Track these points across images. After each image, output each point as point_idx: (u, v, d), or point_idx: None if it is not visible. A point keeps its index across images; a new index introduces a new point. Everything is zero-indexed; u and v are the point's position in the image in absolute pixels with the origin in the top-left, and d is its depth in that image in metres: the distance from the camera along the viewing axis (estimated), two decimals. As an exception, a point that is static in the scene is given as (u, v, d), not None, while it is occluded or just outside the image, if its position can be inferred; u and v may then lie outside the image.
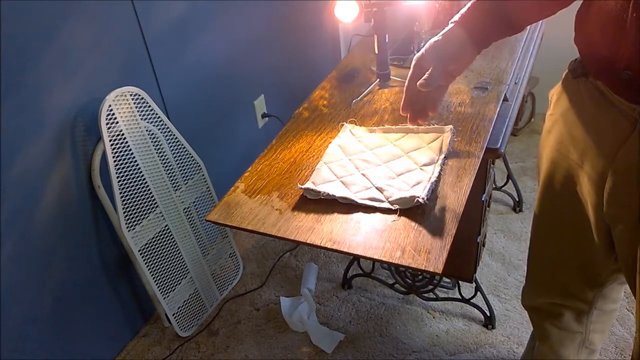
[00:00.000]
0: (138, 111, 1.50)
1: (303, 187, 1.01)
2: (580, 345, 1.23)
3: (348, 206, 0.98)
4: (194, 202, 1.73)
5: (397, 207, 0.95)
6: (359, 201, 0.97)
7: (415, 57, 0.94)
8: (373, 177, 1.04)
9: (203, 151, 1.75)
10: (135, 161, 1.50)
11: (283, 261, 2.00)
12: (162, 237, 1.62)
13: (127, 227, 1.49)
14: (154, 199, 1.57)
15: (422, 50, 0.93)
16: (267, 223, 0.97)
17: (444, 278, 1.72)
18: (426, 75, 0.92)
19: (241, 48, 2.01)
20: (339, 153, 1.13)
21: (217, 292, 1.85)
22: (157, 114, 1.56)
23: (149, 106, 1.54)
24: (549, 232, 1.10)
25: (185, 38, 1.73)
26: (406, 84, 0.97)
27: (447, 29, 0.91)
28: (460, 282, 1.68)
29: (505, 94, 1.28)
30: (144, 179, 1.54)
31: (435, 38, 0.92)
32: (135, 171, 1.51)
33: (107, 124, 1.41)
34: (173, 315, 1.68)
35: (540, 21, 1.61)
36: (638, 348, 0.94)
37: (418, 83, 0.94)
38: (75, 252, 1.50)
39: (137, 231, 1.53)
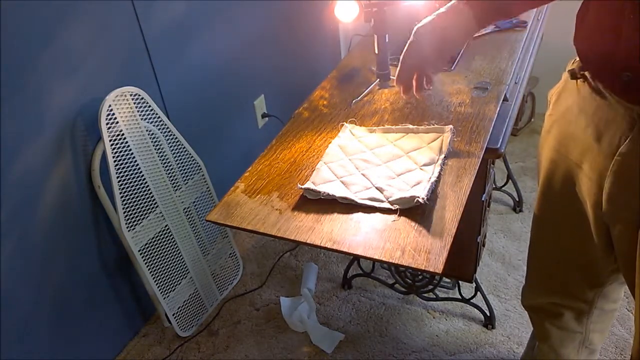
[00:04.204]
0: (138, 111, 1.50)
1: (303, 187, 1.01)
2: (580, 345, 1.23)
3: (348, 206, 0.98)
4: (194, 202, 1.73)
5: (397, 207, 0.95)
6: (359, 201, 0.97)
7: (416, 27, 0.92)
8: (373, 177, 1.04)
9: (203, 151, 1.75)
10: (135, 161, 1.50)
11: (283, 261, 2.00)
12: (162, 237, 1.62)
13: (127, 227, 1.49)
14: (154, 199, 1.57)
15: (423, 23, 0.91)
16: (267, 223, 0.97)
17: (444, 278, 1.72)
18: (430, 64, 0.93)
19: (241, 48, 2.01)
20: (339, 153, 1.13)
21: (217, 292, 1.85)
22: (157, 114, 1.56)
23: (149, 106, 1.54)
24: (549, 232, 1.10)
25: (185, 38, 1.73)
26: (403, 54, 0.94)
27: (451, 4, 0.90)
28: (460, 282, 1.68)
29: (505, 94, 1.27)
30: (144, 179, 1.54)
31: (438, 12, 0.91)
32: (135, 171, 1.51)
33: (107, 124, 1.41)
34: (173, 315, 1.68)
35: (540, 21, 1.61)
36: (638, 347, 0.94)
37: (426, 80, 0.94)
38: (75, 252, 1.50)
39: (137, 231, 1.53)
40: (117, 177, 1.45)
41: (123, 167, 1.47)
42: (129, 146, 1.48)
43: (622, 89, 0.79)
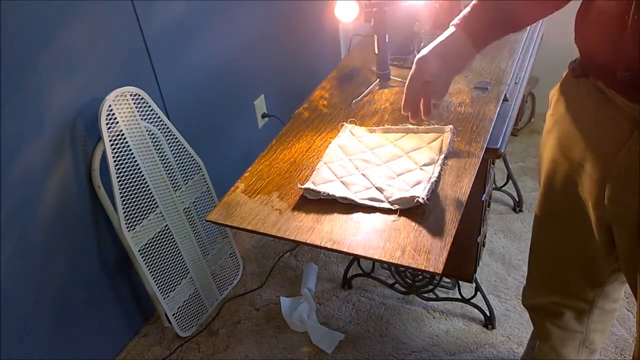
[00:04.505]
0: (138, 111, 1.50)
1: (303, 187, 1.01)
2: (580, 345, 1.23)
3: (348, 206, 0.98)
4: (194, 202, 1.73)
5: (397, 207, 0.95)
6: (359, 201, 0.97)
7: (417, 58, 0.94)
8: (373, 177, 1.04)
9: (203, 151, 1.75)
10: (135, 161, 1.50)
11: (283, 261, 2.00)
12: (162, 237, 1.62)
13: (127, 227, 1.49)
14: (154, 199, 1.57)
15: (424, 52, 0.93)
16: (267, 223, 0.97)
17: (444, 278, 1.72)
18: (434, 91, 0.94)
19: (241, 48, 2.01)
20: (339, 153, 1.13)
21: (217, 292, 1.85)
22: (157, 114, 1.56)
23: (149, 106, 1.54)
24: (550, 232, 1.10)
25: (185, 38, 1.73)
26: (407, 83, 0.97)
27: (448, 32, 0.92)
28: (460, 282, 1.68)
29: (505, 94, 1.28)
30: (144, 179, 1.54)
31: (437, 41, 0.92)
32: (135, 171, 1.51)
33: (107, 124, 1.41)
34: (173, 315, 1.68)
35: (540, 21, 1.61)
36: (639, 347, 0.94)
37: (433, 104, 0.96)
38: (75, 252, 1.50)
39: (137, 231, 1.53)
40: (117, 177, 1.45)
41: (123, 167, 1.47)
42: (129, 146, 1.48)
43: (624, 89, 0.79)
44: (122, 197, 1.46)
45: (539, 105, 2.47)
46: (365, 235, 0.91)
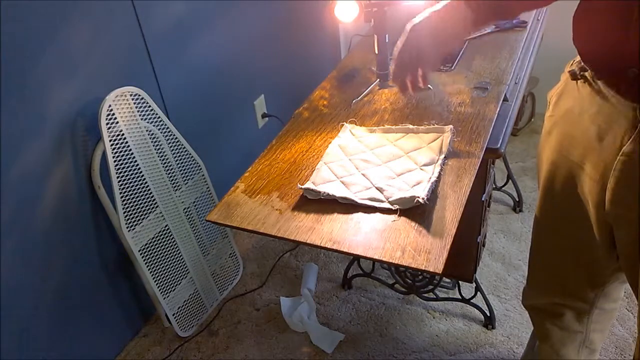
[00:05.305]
0: (138, 111, 1.50)
1: (303, 187, 1.01)
2: (580, 345, 1.23)
3: (348, 206, 0.98)
4: (194, 202, 1.73)
5: (397, 207, 0.95)
6: (359, 201, 0.97)
7: (409, 26, 0.90)
8: (373, 177, 1.04)
9: (203, 151, 1.74)
10: (135, 161, 1.50)
11: (283, 261, 2.00)
12: (162, 237, 1.62)
13: (127, 227, 1.49)
14: (154, 199, 1.57)
15: (417, 20, 0.89)
16: (267, 223, 0.97)
17: (444, 278, 1.72)
18: (426, 62, 0.92)
19: (241, 48, 2.01)
20: (339, 153, 1.13)
21: (217, 292, 1.85)
22: (157, 114, 1.56)
23: (149, 106, 1.54)
24: (550, 233, 1.10)
25: (185, 38, 1.73)
26: (397, 53, 0.93)
27: (447, 2, 0.88)
28: (460, 282, 1.68)
29: (505, 94, 1.27)
30: (144, 179, 1.54)
31: (432, 9, 0.89)
32: (135, 171, 1.51)
33: (107, 124, 1.41)
34: (173, 315, 1.68)
35: (540, 21, 1.61)
36: None
37: (422, 78, 0.93)
38: (76, 252, 1.50)
39: (137, 231, 1.53)
40: (117, 177, 1.45)
41: (123, 167, 1.47)
42: (129, 146, 1.48)
43: (626, 87, 0.79)
44: (122, 197, 1.46)
45: (539, 105, 2.47)
46: (365, 235, 0.91)
